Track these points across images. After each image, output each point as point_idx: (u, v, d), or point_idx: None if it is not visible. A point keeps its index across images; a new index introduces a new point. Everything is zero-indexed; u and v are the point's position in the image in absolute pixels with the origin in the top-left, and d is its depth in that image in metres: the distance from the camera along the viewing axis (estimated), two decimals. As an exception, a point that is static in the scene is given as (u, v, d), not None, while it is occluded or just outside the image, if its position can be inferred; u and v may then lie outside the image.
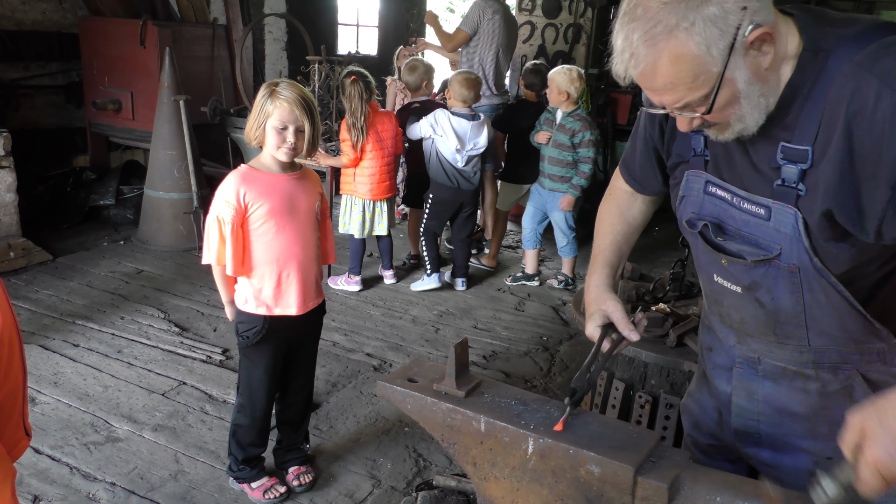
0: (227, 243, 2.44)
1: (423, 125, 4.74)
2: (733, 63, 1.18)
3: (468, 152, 4.76)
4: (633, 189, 1.75)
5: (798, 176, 1.27)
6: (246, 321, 2.56)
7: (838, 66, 1.20)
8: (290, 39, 7.88)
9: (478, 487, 1.52)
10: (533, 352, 4.13)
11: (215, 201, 2.48)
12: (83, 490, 2.72)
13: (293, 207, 2.53)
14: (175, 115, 5.27)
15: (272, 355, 2.61)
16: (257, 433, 2.70)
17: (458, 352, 1.52)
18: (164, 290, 4.64)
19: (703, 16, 1.14)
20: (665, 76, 1.21)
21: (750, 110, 1.25)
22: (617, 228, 1.74)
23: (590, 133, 4.81)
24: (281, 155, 2.47)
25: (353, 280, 4.87)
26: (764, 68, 1.22)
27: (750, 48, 1.19)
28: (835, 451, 1.46)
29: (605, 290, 1.63)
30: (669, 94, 1.24)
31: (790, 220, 1.31)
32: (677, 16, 1.15)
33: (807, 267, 1.34)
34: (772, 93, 1.25)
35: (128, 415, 3.22)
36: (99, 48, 6.08)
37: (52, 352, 3.73)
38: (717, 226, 1.45)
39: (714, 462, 1.71)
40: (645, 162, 1.66)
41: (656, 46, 1.17)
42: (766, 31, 1.18)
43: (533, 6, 6.50)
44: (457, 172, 4.82)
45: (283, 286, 2.54)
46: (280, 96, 2.41)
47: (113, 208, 5.91)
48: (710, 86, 1.20)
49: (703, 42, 1.15)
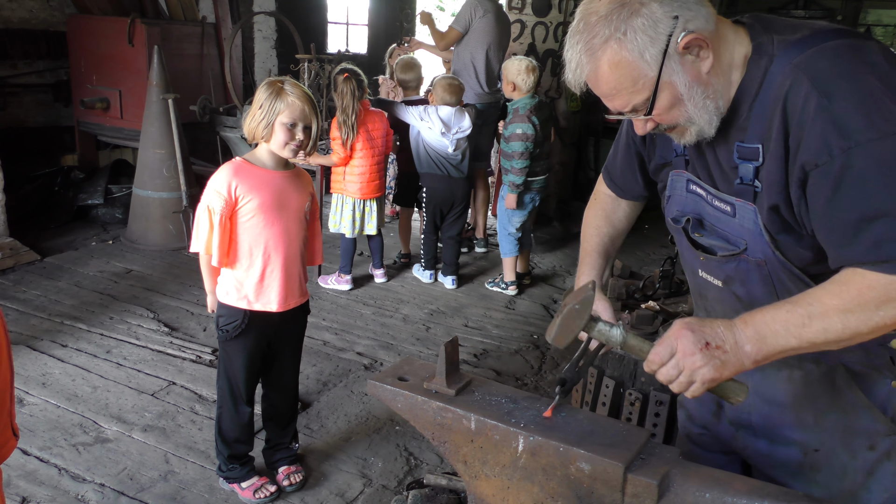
0: (214, 233, 2.46)
1: (413, 111, 4.81)
2: (669, 67, 1.27)
3: (454, 136, 4.81)
4: (615, 194, 1.80)
5: (753, 173, 1.34)
6: (226, 314, 2.58)
7: (780, 69, 1.27)
8: (280, 38, 7.84)
9: (468, 486, 1.52)
10: (524, 350, 4.14)
11: (207, 191, 2.49)
12: (72, 491, 2.71)
13: (283, 204, 2.54)
14: (164, 114, 5.24)
15: (251, 350, 2.62)
16: (241, 429, 2.70)
17: (448, 350, 1.52)
18: (154, 289, 4.62)
19: (632, 26, 1.25)
20: (607, 82, 1.31)
21: (697, 112, 1.32)
22: (603, 231, 1.79)
23: (520, 126, 4.54)
24: (287, 152, 2.48)
25: (343, 279, 4.86)
26: (705, 72, 1.29)
27: (686, 53, 1.27)
28: (821, 443, 1.50)
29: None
30: (616, 98, 1.34)
31: (751, 216, 1.37)
32: (611, 27, 1.25)
33: (772, 261, 1.39)
34: (719, 96, 1.32)
35: (117, 415, 3.20)
36: (87, 46, 6.04)
37: (40, 352, 3.70)
38: (697, 221, 1.51)
39: (707, 453, 1.75)
40: (626, 167, 1.72)
41: (595, 55, 1.28)
42: (697, 37, 1.25)
43: (523, 4, 6.50)
44: (444, 160, 4.86)
45: (266, 281, 2.55)
46: (290, 94, 2.44)
47: (101, 208, 5.88)
48: (649, 89, 1.29)
49: (635, 49, 1.25)
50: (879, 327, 1.22)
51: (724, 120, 1.35)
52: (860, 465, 1.49)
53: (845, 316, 1.21)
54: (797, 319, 1.24)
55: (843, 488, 1.50)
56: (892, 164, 1.16)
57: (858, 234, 1.20)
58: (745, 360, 1.28)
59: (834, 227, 1.24)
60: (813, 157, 1.22)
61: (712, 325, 1.30)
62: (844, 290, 1.22)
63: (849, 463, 1.49)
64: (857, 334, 1.23)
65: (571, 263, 5.76)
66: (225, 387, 2.66)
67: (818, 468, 1.52)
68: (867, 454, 1.48)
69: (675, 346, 1.31)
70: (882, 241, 1.18)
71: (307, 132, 2.49)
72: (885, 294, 1.19)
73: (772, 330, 1.25)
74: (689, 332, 1.29)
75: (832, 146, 1.19)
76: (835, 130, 1.19)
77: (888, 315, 1.20)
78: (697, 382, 1.29)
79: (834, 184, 1.20)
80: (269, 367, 2.73)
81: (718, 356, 1.28)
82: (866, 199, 1.18)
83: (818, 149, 1.21)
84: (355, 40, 9.73)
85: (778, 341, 1.25)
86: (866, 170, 1.17)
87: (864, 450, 1.48)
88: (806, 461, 1.53)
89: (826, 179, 1.21)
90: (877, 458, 1.48)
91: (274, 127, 2.44)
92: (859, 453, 1.48)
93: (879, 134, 1.16)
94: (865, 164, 1.17)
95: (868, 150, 1.17)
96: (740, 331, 1.28)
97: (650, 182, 1.70)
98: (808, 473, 1.52)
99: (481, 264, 5.61)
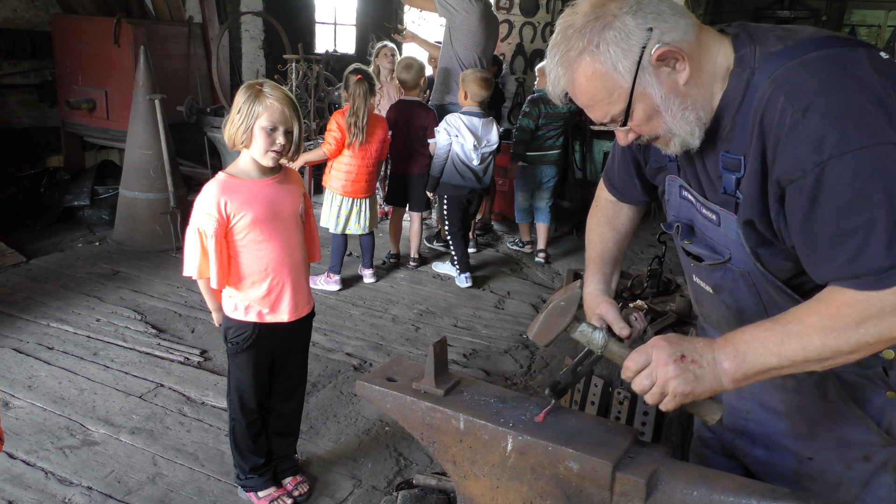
0: (210, 257, 2.36)
1: (442, 136, 4.85)
2: (643, 79, 1.27)
3: (483, 149, 4.86)
4: (616, 198, 1.80)
5: (735, 184, 1.33)
6: (235, 327, 2.50)
7: (760, 82, 1.26)
8: (268, 38, 7.82)
9: (458, 486, 1.52)
10: (513, 350, 4.15)
11: (195, 213, 2.39)
12: (59, 495, 2.69)
13: (277, 214, 2.45)
14: (150, 115, 5.21)
15: (261, 360, 2.56)
16: (252, 439, 2.64)
17: (436, 350, 1.53)
18: (141, 291, 4.59)
19: (605, 38, 1.26)
20: (584, 94, 1.32)
21: (675, 123, 1.32)
22: (606, 237, 1.78)
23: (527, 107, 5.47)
24: (268, 160, 2.38)
25: (332, 279, 4.85)
26: (682, 84, 1.29)
27: (661, 65, 1.26)
28: (815, 452, 1.49)
29: (598, 294, 1.67)
30: (595, 109, 1.35)
31: (734, 226, 1.37)
32: (584, 40, 1.27)
33: (755, 272, 1.39)
34: (699, 107, 1.31)
35: (104, 418, 3.18)
36: (72, 46, 5.99)
37: (25, 355, 3.67)
38: (689, 228, 1.51)
39: (716, 456, 1.76)
40: (624, 172, 1.71)
41: (571, 67, 1.30)
42: (670, 49, 1.25)
43: (511, 4, 6.52)
44: (469, 171, 4.92)
45: (273, 294, 2.49)
46: (269, 96, 2.33)
47: (88, 209, 5.83)
48: (625, 100, 1.29)
49: (608, 61, 1.26)
50: (861, 346, 1.18)
51: (709, 131, 1.34)
52: (855, 476, 1.47)
53: (824, 334, 1.18)
54: (776, 337, 1.22)
55: (839, 499, 1.49)
56: (866, 177, 1.13)
57: (834, 249, 1.18)
58: (723, 377, 1.26)
59: (810, 243, 1.22)
60: (787, 172, 1.20)
61: (692, 341, 1.30)
62: (823, 307, 1.20)
63: (843, 473, 1.48)
64: (837, 353, 1.19)
65: (560, 264, 5.78)
66: (236, 400, 2.59)
67: (813, 478, 1.51)
68: (862, 465, 1.46)
69: (651, 354, 1.30)
70: (856, 257, 1.15)
71: (288, 136, 2.38)
72: (864, 311, 1.16)
73: (751, 347, 1.23)
74: (666, 344, 1.29)
75: (805, 161, 1.17)
76: (808, 146, 1.16)
77: (869, 333, 1.16)
78: (669, 395, 1.28)
79: (809, 200, 1.18)
80: (277, 375, 2.66)
81: (693, 370, 1.26)
82: (840, 214, 1.16)
83: (793, 165, 1.19)
84: (343, 40, 9.71)
85: (757, 359, 1.23)
86: (839, 184, 1.14)
87: (859, 461, 1.46)
88: (801, 470, 1.52)
89: (801, 195, 1.19)
90: (872, 470, 1.46)
91: (253, 132, 2.34)
92: (854, 464, 1.47)
93: (853, 146, 1.13)
94: (838, 179, 1.14)
95: (841, 163, 1.14)
96: (719, 348, 1.27)
97: (649, 186, 1.70)
98: (803, 482, 1.52)
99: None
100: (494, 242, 6.20)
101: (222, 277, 2.41)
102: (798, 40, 1.27)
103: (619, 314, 1.58)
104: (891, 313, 1.15)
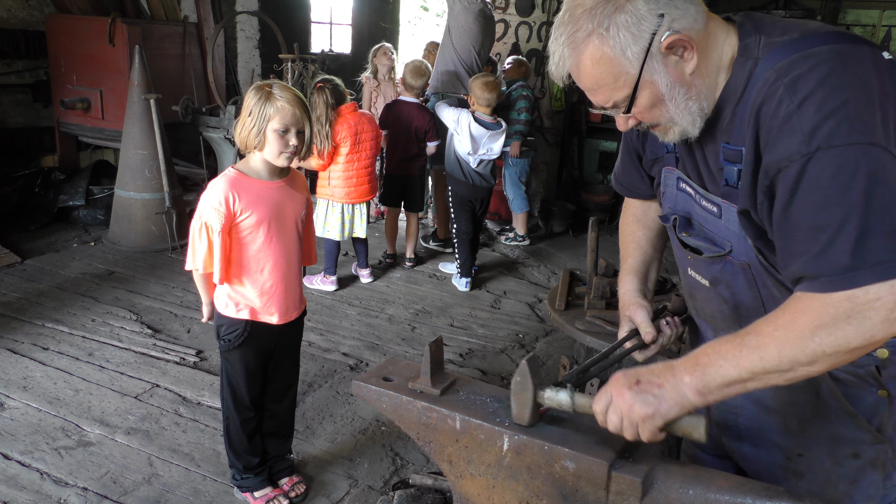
0: (215, 251, 2.36)
1: (450, 115, 4.85)
2: (651, 66, 1.24)
3: (480, 156, 4.87)
4: (625, 195, 1.78)
5: (736, 176, 1.31)
6: (227, 324, 2.51)
7: (762, 72, 1.24)
8: (263, 37, 7.81)
9: (454, 485, 1.52)
10: (509, 349, 4.15)
11: (202, 206, 2.38)
12: (54, 496, 2.68)
13: (280, 218, 2.46)
14: (146, 114, 5.20)
15: (253, 358, 2.56)
16: (247, 438, 2.64)
17: (432, 350, 1.52)
18: (136, 291, 4.58)
19: (615, 22, 1.22)
20: (589, 77, 1.29)
21: (678, 112, 1.30)
22: (637, 235, 1.76)
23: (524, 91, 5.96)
24: (282, 161, 2.38)
25: (328, 280, 4.85)
26: (688, 74, 1.27)
27: (669, 54, 1.24)
28: (805, 448, 1.49)
29: (633, 295, 1.65)
30: (598, 94, 1.32)
31: (735, 218, 1.35)
32: (594, 21, 1.23)
33: (755, 264, 1.37)
34: (703, 97, 1.30)
35: (100, 418, 3.17)
36: (67, 46, 5.98)
37: (20, 355, 3.66)
38: (686, 220, 1.50)
39: (707, 456, 1.75)
40: (629, 166, 1.69)
41: (577, 49, 1.26)
42: (681, 37, 1.22)
43: (506, 4, 6.51)
44: (471, 170, 4.91)
45: (266, 295, 2.49)
46: (279, 98, 2.33)
47: (83, 209, 5.82)
48: (630, 87, 1.27)
49: (617, 45, 1.23)
50: (819, 356, 1.13)
51: (709, 121, 1.32)
52: (844, 473, 1.47)
53: (780, 344, 1.15)
54: (735, 349, 1.19)
55: (826, 496, 1.49)
56: (849, 174, 1.10)
57: (806, 243, 1.15)
58: (687, 391, 1.23)
59: (786, 235, 1.20)
60: (777, 161, 1.18)
61: (649, 367, 1.28)
62: (780, 315, 1.17)
63: (832, 470, 1.48)
64: (795, 363, 1.15)
65: (556, 263, 5.79)
66: (229, 397, 2.60)
67: (801, 474, 1.51)
68: (851, 462, 1.46)
69: (610, 391, 1.29)
70: (821, 253, 1.12)
71: (300, 137, 2.37)
72: (818, 318, 1.11)
73: (710, 360, 1.21)
74: (621, 376, 1.28)
75: (794, 151, 1.15)
76: (800, 136, 1.14)
77: (825, 343, 1.11)
78: (638, 421, 1.26)
79: (791, 189, 1.16)
80: (271, 375, 2.67)
81: (650, 391, 1.24)
82: (818, 208, 1.13)
83: (782, 154, 1.17)
84: (339, 40, 9.69)
85: (718, 371, 1.20)
86: (822, 177, 1.12)
87: (849, 458, 1.46)
88: (790, 466, 1.52)
89: (784, 185, 1.17)
90: (861, 467, 1.46)
91: (266, 135, 2.33)
92: (843, 461, 1.46)
93: (842, 141, 1.11)
94: (822, 171, 1.12)
95: (827, 156, 1.11)
96: (680, 364, 1.25)
97: (652, 179, 1.67)
98: (791, 479, 1.51)
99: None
100: (490, 242, 6.20)
101: (223, 272, 2.41)
102: (804, 32, 1.25)
103: (649, 318, 1.56)
104: (845, 321, 1.10)
